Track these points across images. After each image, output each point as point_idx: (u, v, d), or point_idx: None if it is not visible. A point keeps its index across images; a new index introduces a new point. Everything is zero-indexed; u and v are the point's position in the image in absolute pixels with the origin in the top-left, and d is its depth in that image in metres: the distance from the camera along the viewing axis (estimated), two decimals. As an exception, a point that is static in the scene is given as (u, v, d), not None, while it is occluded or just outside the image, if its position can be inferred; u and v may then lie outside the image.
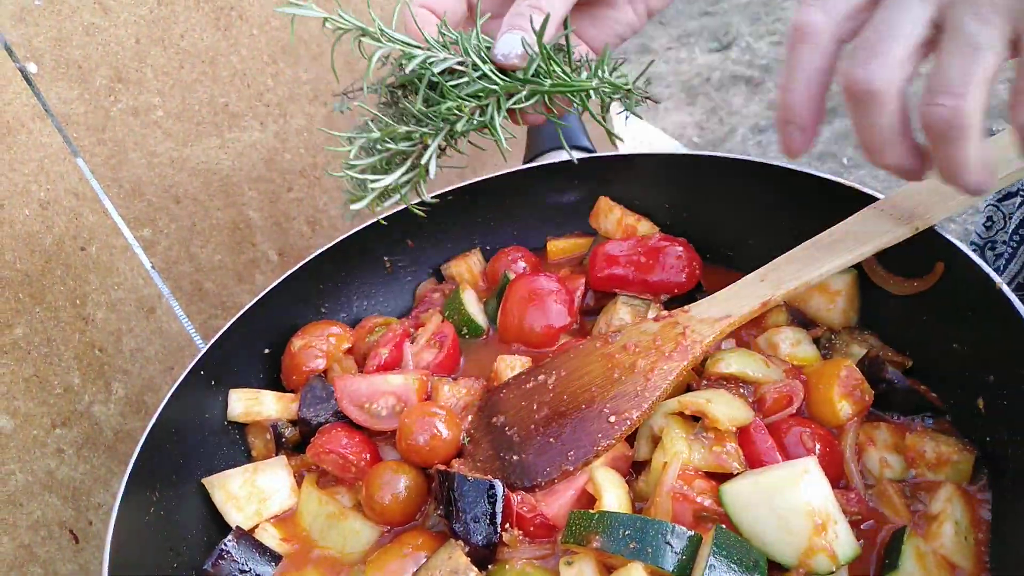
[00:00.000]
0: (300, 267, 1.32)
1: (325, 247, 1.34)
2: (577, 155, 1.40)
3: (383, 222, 1.35)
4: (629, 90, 1.00)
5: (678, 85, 5.25)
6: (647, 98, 1.02)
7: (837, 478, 0.96)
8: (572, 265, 1.41)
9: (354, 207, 0.96)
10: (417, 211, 1.06)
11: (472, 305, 1.30)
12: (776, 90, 0.71)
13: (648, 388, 0.97)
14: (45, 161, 1.32)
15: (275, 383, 1.31)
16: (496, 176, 1.42)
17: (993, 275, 0.91)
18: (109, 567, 0.91)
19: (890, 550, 0.86)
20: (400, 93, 0.98)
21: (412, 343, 1.22)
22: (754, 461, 0.94)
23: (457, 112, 0.91)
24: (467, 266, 1.43)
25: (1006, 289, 0.88)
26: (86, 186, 1.39)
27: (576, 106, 0.97)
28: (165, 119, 1.48)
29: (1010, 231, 1.28)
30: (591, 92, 0.96)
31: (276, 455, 1.20)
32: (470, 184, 1.41)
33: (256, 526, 1.09)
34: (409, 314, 1.40)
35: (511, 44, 0.92)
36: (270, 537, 1.07)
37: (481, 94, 0.92)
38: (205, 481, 1.12)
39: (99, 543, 0.98)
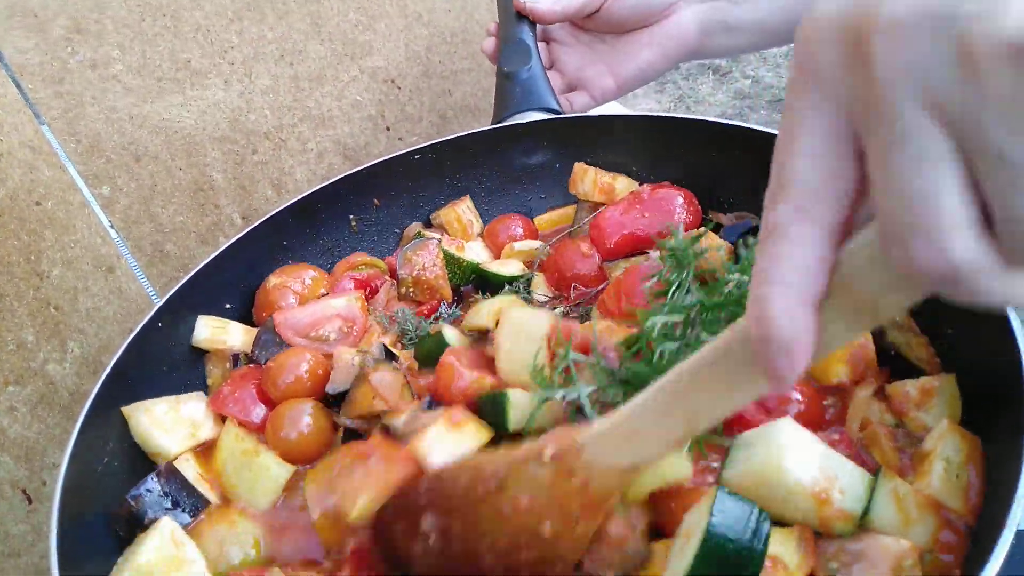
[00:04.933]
0: (263, 222, 1.30)
1: (290, 202, 1.32)
2: (545, 116, 1.41)
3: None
4: None
5: (647, 74, 5.29)
6: None
7: (818, 420, 0.95)
8: (563, 235, 1.38)
9: None
10: None
11: (467, 252, 1.27)
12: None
13: (559, 561, 0.76)
14: (-1, 111, 1.28)
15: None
16: (463, 136, 1.41)
17: None
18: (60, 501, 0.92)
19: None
20: None
21: (396, 285, 1.20)
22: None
23: None
24: (456, 215, 1.41)
25: None
26: (42, 139, 1.35)
27: None
28: (125, 73, 1.45)
29: None
30: None
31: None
32: (437, 143, 1.40)
33: (182, 452, 1.05)
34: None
35: None
36: (190, 468, 1.03)
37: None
38: (125, 409, 1.07)
39: (52, 504, 0.98)
